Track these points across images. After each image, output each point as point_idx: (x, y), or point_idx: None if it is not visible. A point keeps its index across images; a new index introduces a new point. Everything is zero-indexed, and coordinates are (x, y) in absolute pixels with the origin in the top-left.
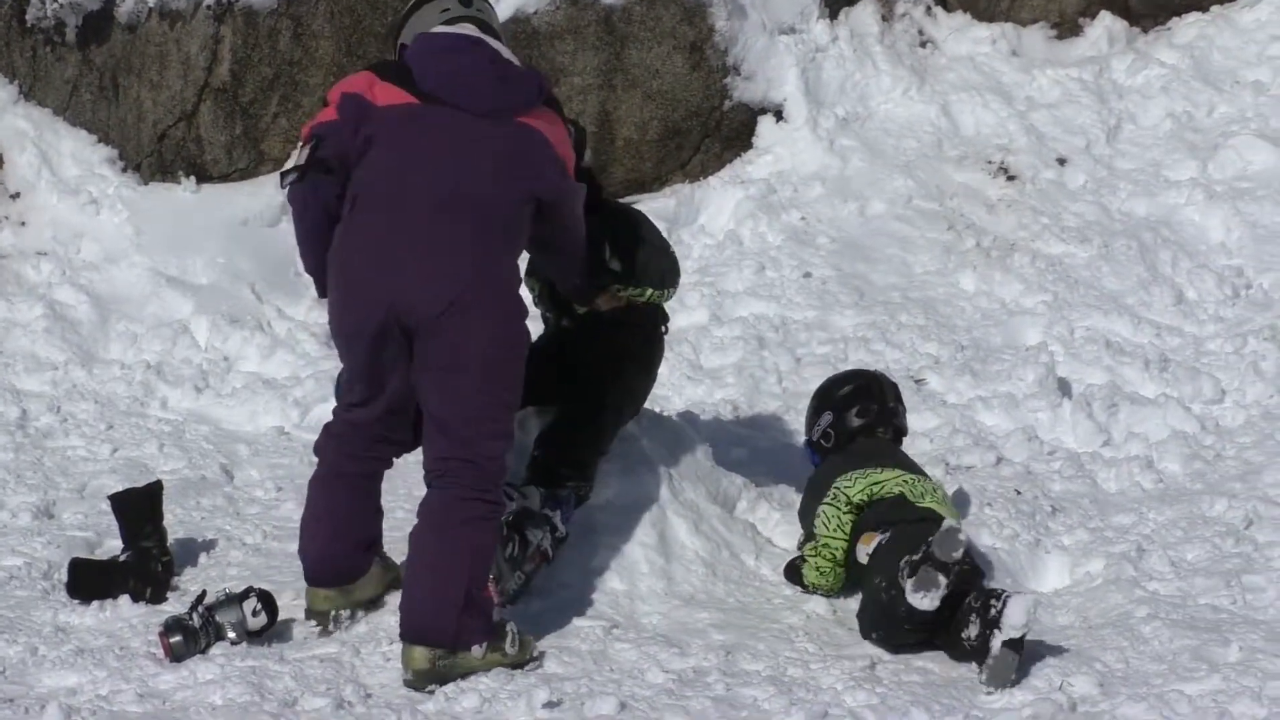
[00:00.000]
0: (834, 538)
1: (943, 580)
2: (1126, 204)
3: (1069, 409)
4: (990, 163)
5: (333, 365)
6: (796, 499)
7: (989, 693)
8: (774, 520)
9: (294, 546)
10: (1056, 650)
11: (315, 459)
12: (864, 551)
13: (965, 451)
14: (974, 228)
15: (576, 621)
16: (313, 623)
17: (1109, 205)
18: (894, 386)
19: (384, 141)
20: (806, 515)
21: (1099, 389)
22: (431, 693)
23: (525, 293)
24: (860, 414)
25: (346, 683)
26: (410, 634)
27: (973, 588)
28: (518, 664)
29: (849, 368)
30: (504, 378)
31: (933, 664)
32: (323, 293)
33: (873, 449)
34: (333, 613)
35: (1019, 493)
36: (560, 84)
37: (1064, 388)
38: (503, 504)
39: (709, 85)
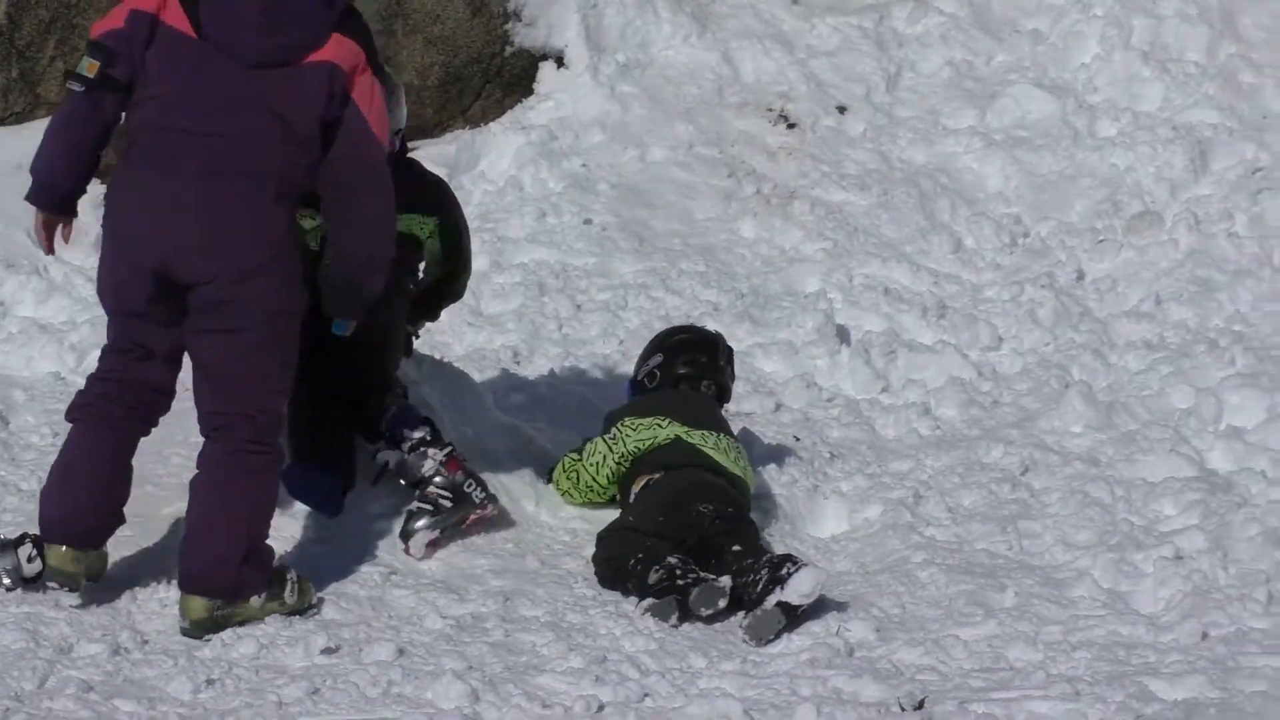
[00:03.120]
0: (586, 470)
1: (723, 601)
2: (906, 152)
3: (847, 356)
4: (770, 110)
5: None
6: (574, 444)
7: (745, 641)
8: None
9: None
10: (834, 595)
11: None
12: (634, 493)
13: (744, 398)
14: (754, 175)
15: (354, 568)
16: (55, 584)
17: (888, 153)
18: (729, 350)
19: (163, 80)
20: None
21: (877, 336)
22: (208, 640)
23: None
24: (688, 363)
25: (123, 629)
26: (190, 584)
27: (747, 544)
28: (295, 611)
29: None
30: (282, 337)
31: None
32: (46, 200)
33: (687, 399)
34: (82, 578)
35: (797, 439)
36: None
37: (842, 335)
38: (281, 453)
39: (490, 31)
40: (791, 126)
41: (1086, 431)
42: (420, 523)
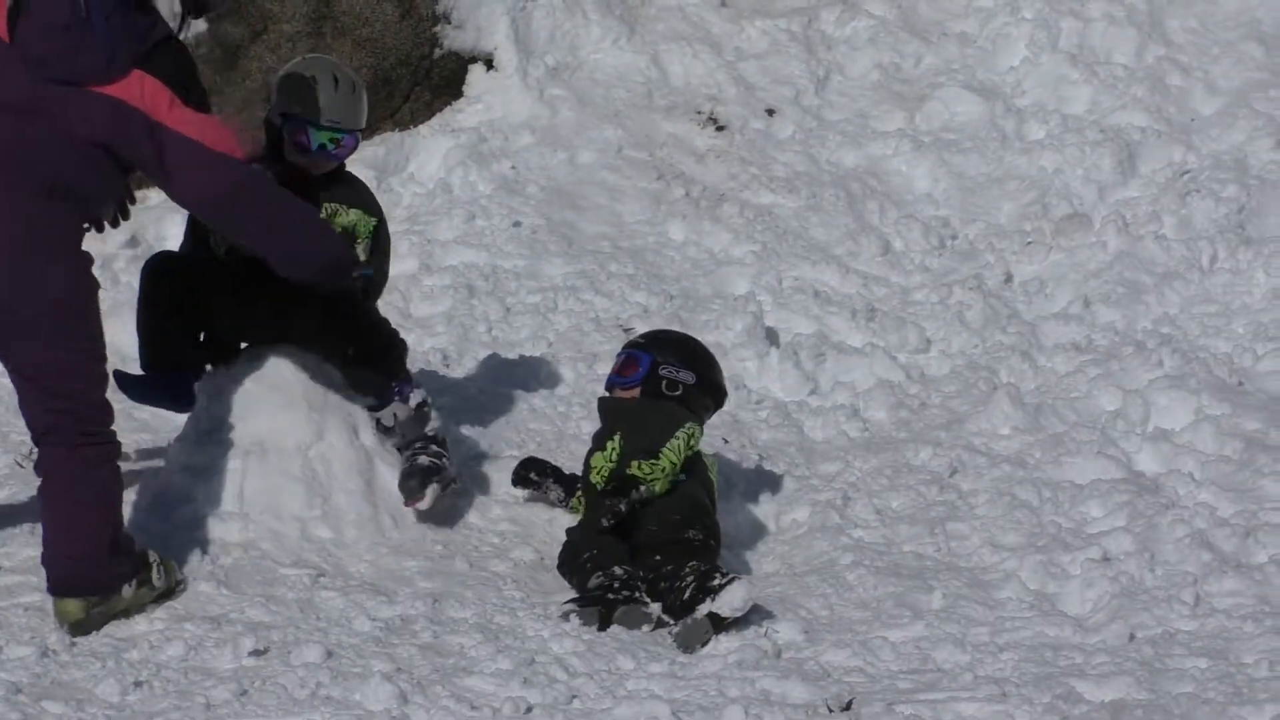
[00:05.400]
0: (677, 459)
1: (647, 626)
2: (834, 154)
3: (776, 358)
4: (699, 113)
5: None
6: (504, 446)
7: (675, 647)
8: (483, 468)
9: None
10: (762, 597)
11: None
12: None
13: None
14: (683, 177)
15: (283, 570)
16: None
17: (817, 156)
18: None
19: None
20: (660, 432)
21: (806, 338)
22: (136, 642)
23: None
24: (709, 408)
25: (51, 631)
26: (61, 589)
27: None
28: (166, 593)
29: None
30: (77, 326)
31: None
32: None
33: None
34: None
35: (726, 441)
36: (269, 31)
37: (771, 337)
38: (114, 440)
39: (419, 33)
40: (720, 129)
41: (1014, 434)
42: (433, 479)
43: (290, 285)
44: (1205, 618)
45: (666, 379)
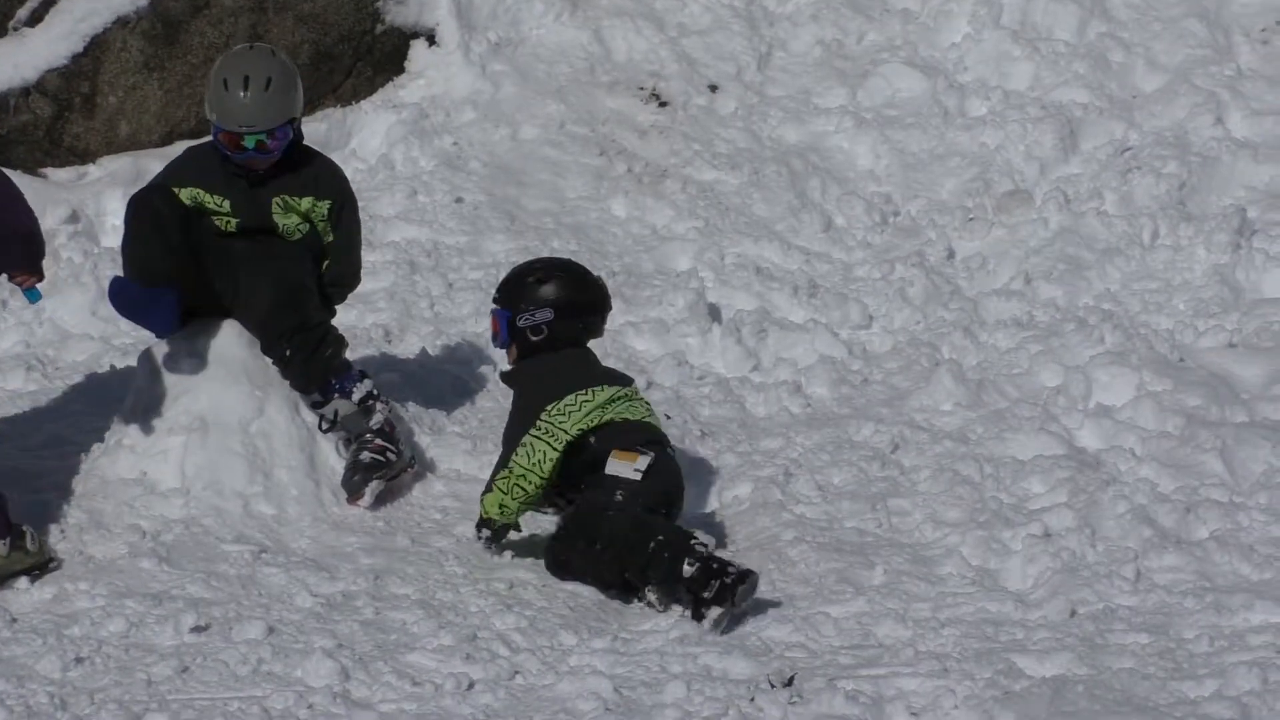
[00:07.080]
0: (533, 473)
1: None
2: (777, 131)
3: (719, 334)
4: (642, 89)
5: None
6: (447, 423)
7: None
8: (425, 444)
9: None
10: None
11: None
12: (629, 466)
13: None
14: (626, 154)
15: (224, 546)
16: None
17: (759, 132)
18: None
19: None
20: (510, 440)
21: (748, 314)
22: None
23: None
24: (586, 329)
25: None
26: None
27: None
28: (40, 564)
29: (570, 259)
30: None
31: (582, 589)
32: None
33: (581, 360)
34: None
35: (669, 417)
36: (210, 6)
37: (714, 313)
38: None
39: (361, 8)
40: (663, 105)
41: (956, 410)
42: (375, 475)
43: (259, 278)
44: (1146, 593)
45: (528, 328)
